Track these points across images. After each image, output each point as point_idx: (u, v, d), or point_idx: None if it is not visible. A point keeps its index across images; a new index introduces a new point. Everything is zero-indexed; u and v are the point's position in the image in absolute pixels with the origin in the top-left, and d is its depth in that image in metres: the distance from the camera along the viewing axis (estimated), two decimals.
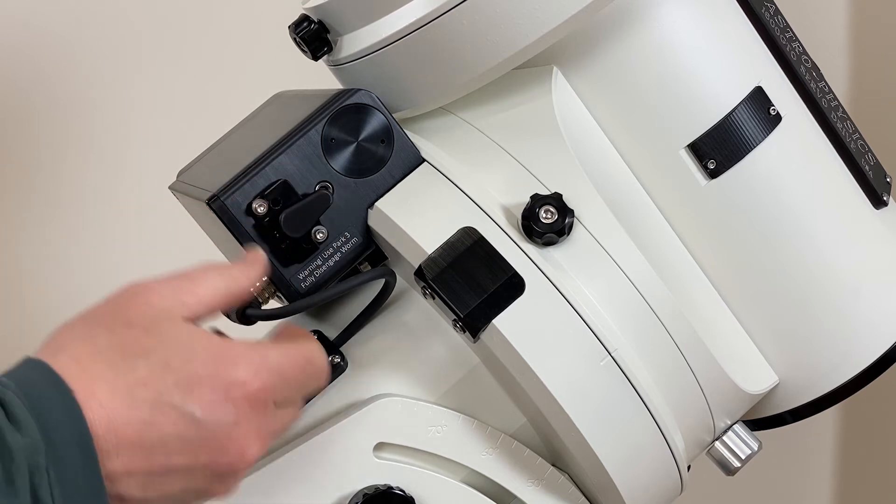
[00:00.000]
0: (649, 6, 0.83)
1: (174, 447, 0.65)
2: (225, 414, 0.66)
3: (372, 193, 0.82)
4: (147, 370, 0.65)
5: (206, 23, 1.44)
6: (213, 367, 0.67)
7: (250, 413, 0.67)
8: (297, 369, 0.71)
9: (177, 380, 0.66)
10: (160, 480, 0.66)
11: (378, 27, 0.82)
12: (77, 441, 0.63)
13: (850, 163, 0.89)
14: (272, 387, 0.69)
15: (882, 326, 0.88)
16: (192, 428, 0.66)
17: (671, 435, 0.81)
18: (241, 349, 0.68)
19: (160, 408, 0.65)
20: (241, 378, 0.67)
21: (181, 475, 0.66)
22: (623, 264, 0.81)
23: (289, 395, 0.71)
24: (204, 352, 0.67)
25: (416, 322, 0.85)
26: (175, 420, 0.65)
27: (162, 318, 0.68)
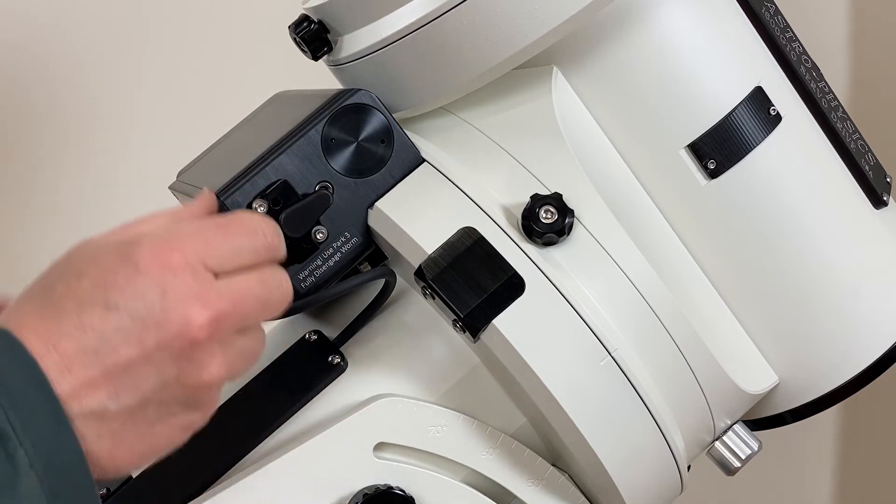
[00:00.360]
0: (649, 6, 0.83)
1: (116, 340, 0.65)
2: (146, 289, 0.65)
3: (372, 193, 0.82)
4: (63, 285, 0.66)
5: (205, 23, 1.44)
6: (119, 256, 0.66)
7: (174, 279, 0.66)
8: (218, 227, 0.69)
9: (91, 281, 0.65)
10: (126, 381, 0.65)
11: (378, 27, 0.82)
12: (22, 367, 0.63)
13: (850, 163, 0.89)
14: (188, 249, 0.66)
15: (882, 326, 0.88)
16: (123, 315, 0.65)
17: (671, 435, 0.81)
18: (144, 229, 0.68)
19: (86, 310, 0.65)
20: (146, 252, 0.66)
21: (142, 367, 0.65)
22: (623, 264, 0.81)
23: (223, 254, 0.68)
24: (108, 247, 0.67)
25: (416, 322, 0.85)
26: (102, 315, 0.65)
27: (76, 245, 0.68)
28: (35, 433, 0.62)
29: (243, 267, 0.69)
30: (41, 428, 0.62)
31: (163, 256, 0.66)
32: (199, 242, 0.67)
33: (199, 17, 1.44)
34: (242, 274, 0.69)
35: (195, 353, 0.66)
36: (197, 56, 1.44)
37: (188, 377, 0.66)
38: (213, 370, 0.67)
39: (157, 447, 0.68)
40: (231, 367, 0.68)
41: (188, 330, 0.65)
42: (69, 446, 0.63)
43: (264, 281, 0.70)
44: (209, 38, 1.44)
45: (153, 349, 0.65)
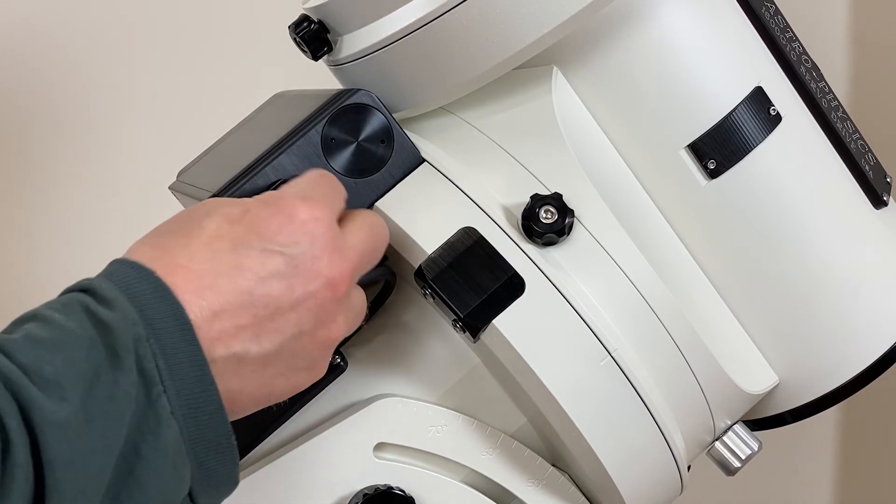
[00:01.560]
0: (649, 6, 0.83)
1: (272, 285, 0.67)
2: (301, 237, 0.68)
3: (372, 193, 0.82)
4: (214, 225, 0.68)
5: (205, 23, 1.44)
6: (270, 207, 0.69)
7: (321, 229, 0.69)
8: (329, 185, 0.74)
9: (245, 226, 0.68)
10: (270, 326, 0.67)
11: (378, 27, 0.82)
12: (171, 314, 0.63)
13: (850, 163, 0.89)
14: (322, 201, 0.71)
15: (882, 326, 0.88)
16: (279, 259, 0.67)
17: (671, 435, 0.81)
18: (289, 189, 0.72)
19: (242, 251, 0.67)
20: (298, 205, 0.69)
21: (288, 314, 0.67)
22: (623, 264, 0.81)
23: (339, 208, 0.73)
24: (254, 201, 0.70)
25: (416, 322, 0.85)
26: (261, 258, 0.67)
27: (211, 201, 0.71)
28: (179, 381, 0.63)
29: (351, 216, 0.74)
30: (185, 376, 0.63)
31: (311, 207, 0.69)
32: (332, 198, 0.72)
33: (198, 17, 1.44)
34: (355, 222, 0.74)
35: (333, 306, 0.69)
36: (197, 56, 1.44)
37: (321, 330, 0.69)
38: (340, 326, 0.71)
39: (270, 398, 0.70)
40: (349, 325, 0.72)
41: (333, 281, 0.69)
42: (210, 396, 0.64)
43: (372, 226, 0.75)
44: (209, 38, 1.44)
45: (301, 297, 0.68)
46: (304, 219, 0.69)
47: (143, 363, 0.62)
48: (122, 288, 0.63)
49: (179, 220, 0.69)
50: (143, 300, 0.63)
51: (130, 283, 0.64)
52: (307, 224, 0.69)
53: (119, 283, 0.64)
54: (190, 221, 0.69)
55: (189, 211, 0.70)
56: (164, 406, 0.62)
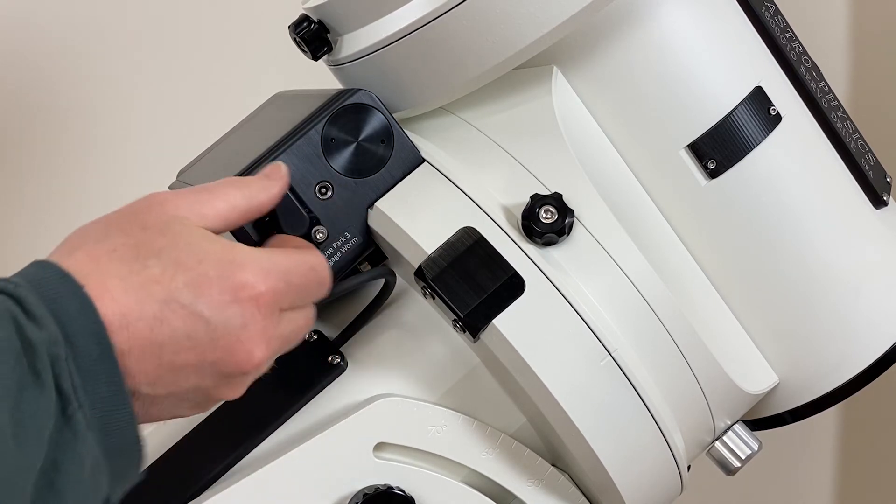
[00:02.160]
0: (649, 6, 0.83)
1: (184, 344, 0.67)
2: (233, 315, 0.68)
3: (372, 193, 0.82)
4: (159, 269, 0.67)
5: (205, 23, 1.44)
6: (222, 269, 0.68)
7: (258, 315, 0.69)
8: (302, 275, 0.72)
9: (187, 279, 0.67)
10: (170, 378, 0.67)
11: (378, 27, 0.82)
12: (92, 333, 0.64)
13: (850, 163, 0.89)
14: (279, 291, 0.70)
15: (882, 326, 0.88)
16: (202, 326, 0.67)
17: (671, 435, 0.81)
18: (250, 253, 0.70)
19: (171, 305, 0.66)
20: (249, 281, 0.68)
21: (190, 373, 0.68)
22: (623, 264, 0.81)
23: (295, 300, 0.72)
24: (214, 254, 0.68)
25: (416, 322, 0.85)
26: (185, 318, 0.67)
27: (176, 221, 0.69)
28: (94, 397, 0.64)
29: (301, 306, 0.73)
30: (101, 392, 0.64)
31: (257, 291, 0.68)
32: (285, 285, 0.70)
33: (198, 17, 1.44)
34: (298, 311, 0.73)
35: (238, 378, 0.70)
36: (196, 56, 1.44)
37: (218, 391, 0.70)
38: (238, 392, 0.71)
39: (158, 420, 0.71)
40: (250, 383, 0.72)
41: (246, 364, 0.69)
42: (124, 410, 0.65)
43: (309, 319, 0.74)
44: (208, 39, 1.44)
45: (209, 364, 0.68)
46: (245, 298, 0.68)
47: (60, 381, 0.63)
48: (50, 302, 0.64)
49: (132, 234, 0.68)
50: (68, 316, 0.64)
51: (59, 298, 0.64)
52: (246, 305, 0.68)
53: (47, 297, 0.64)
54: (140, 247, 0.68)
55: (145, 227, 0.69)
56: (80, 421, 0.63)
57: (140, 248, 0.67)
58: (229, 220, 0.72)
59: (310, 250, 0.75)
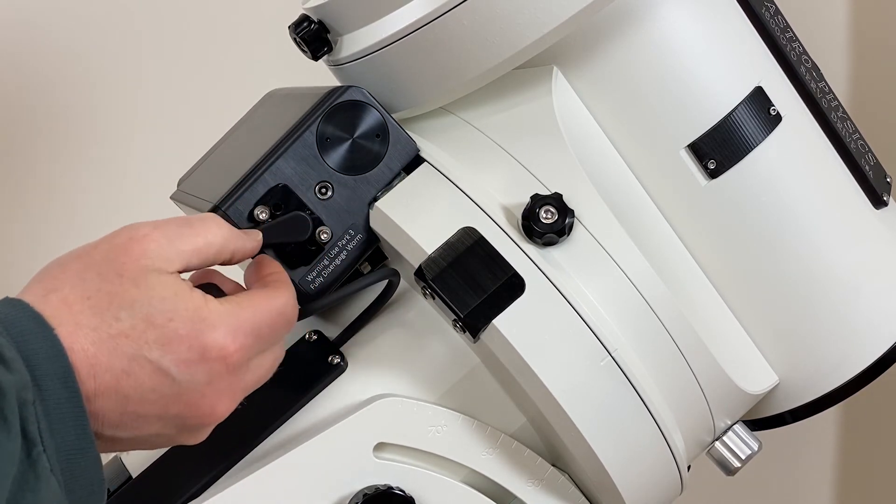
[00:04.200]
0: (649, 6, 0.83)
1: (148, 398, 0.68)
2: (199, 373, 0.69)
3: (372, 189, 0.82)
4: (130, 322, 0.68)
5: (205, 24, 1.44)
6: (192, 328, 0.69)
7: (224, 374, 0.70)
8: (271, 324, 0.73)
9: (157, 336, 0.68)
10: (132, 424, 0.69)
11: (378, 27, 0.82)
12: (61, 377, 0.65)
13: (850, 163, 0.89)
14: (247, 347, 0.71)
15: (882, 326, 0.88)
16: (167, 382, 0.68)
17: (671, 435, 0.81)
18: (220, 312, 0.71)
19: (139, 360, 0.68)
20: (219, 342, 0.70)
21: (152, 422, 0.69)
22: (623, 264, 0.81)
23: (262, 347, 0.73)
24: (185, 312, 0.69)
25: (416, 322, 0.85)
26: (151, 373, 0.68)
27: (152, 270, 0.70)
28: (59, 439, 0.65)
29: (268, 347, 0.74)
30: (66, 435, 0.65)
31: (226, 352, 0.70)
32: (254, 340, 0.72)
33: (197, 18, 1.44)
34: (265, 354, 0.74)
35: (201, 429, 0.72)
36: (197, 57, 1.44)
37: (180, 438, 0.72)
38: (200, 439, 0.73)
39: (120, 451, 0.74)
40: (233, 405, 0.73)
41: (210, 417, 0.71)
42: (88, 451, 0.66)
43: (276, 359, 0.75)
44: (209, 39, 1.44)
45: (172, 416, 0.70)
46: (213, 357, 0.69)
47: (26, 425, 0.63)
48: (20, 343, 0.65)
49: (107, 280, 0.69)
50: (37, 359, 0.65)
51: (29, 340, 0.65)
52: (213, 364, 0.69)
53: (18, 338, 0.65)
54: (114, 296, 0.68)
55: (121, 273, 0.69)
56: (44, 465, 0.64)
57: (113, 299, 0.68)
58: (206, 258, 0.73)
59: (278, 291, 0.75)
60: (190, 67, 1.44)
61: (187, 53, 1.43)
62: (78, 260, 0.70)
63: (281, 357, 0.76)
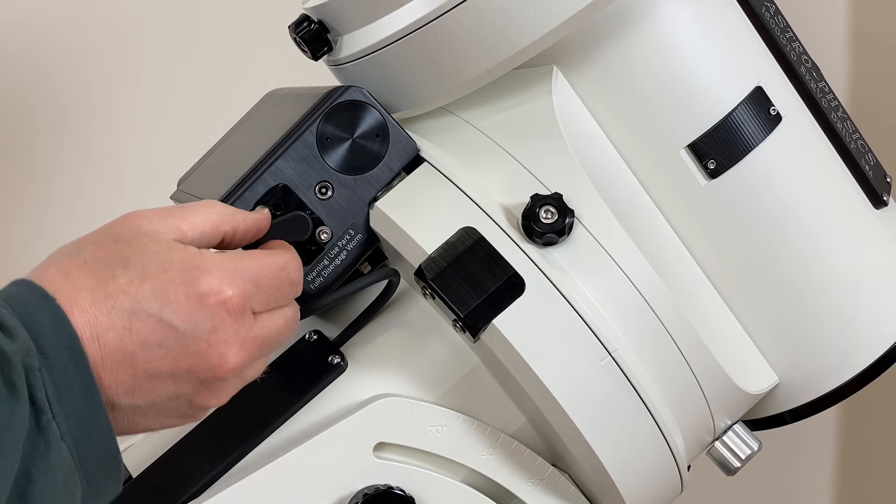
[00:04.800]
0: (649, 6, 0.83)
1: (155, 353, 0.68)
2: (201, 320, 0.68)
3: (372, 189, 0.82)
4: (126, 278, 0.68)
5: (205, 24, 1.44)
6: (188, 276, 0.69)
7: (228, 319, 0.69)
8: (271, 276, 0.72)
9: (153, 287, 0.68)
10: (146, 386, 0.68)
11: (378, 27, 0.82)
12: (66, 343, 0.65)
13: (850, 163, 0.89)
14: (246, 293, 0.70)
15: (882, 326, 0.88)
16: (171, 334, 0.68)
17: (671, 435, 0.81)
18: (215, 259, 0.70)
19: (139, 315, 0.67)
20: (215, 285, 0.69)
21: (166, 381, 0.68)
22: (623, 264, 0.81)
23: (266, 301, 0.72)
24: (180, 261, 0.69)
25: (416, 322, 0.85)
26: (153, 326, 0.67)
27: (146, 233, 0.70)
28: (69, 407, 0.64)
29: (277, 307, 0.73)
30: (75, 402, 0.64)
31: (224, 295, 0.69)
32: (254, 287, 0.71)
33: (199, 18, 1.44)
34: (274, 313, 0.73)
35: (217, 384, 0.70)
36: (197, 57, 1.44)
37: (200, 398, 0.70)
38: (222, 397, 0.71)
39: (148, 430, 0.72)
40: (236, 390, 0.73)
41: (221, 368, 0.70)
42: (99, 420, 0.66)
43: (287, 320, 0.74)
44: (209, 39, 1.44)
45: (183, 371, 0.69)
46: (212, 303, 0.69)
47: (34, 392, 0.63)
48: (23, 315, 0.65)
49: (102, 246, 0.69)
50: (40, 328, 0.65)
51: (31, 311, 0.65)
52: (214, 309, 0.69)
53: (20, 310, 0.65)
54: (109, 258, 0.68)
55: (116, 239, 0.69)
56: (54, 432, 0.63)
57: (108, 259, 0.68)
58: (204, 232, 0.72)
59: (279, 251, 0.75)
60: (190, 67, 1.44)
61: (187, 53, 1.43)
62: (75, 242, 0.70)
63: (296, 318, 0.74)
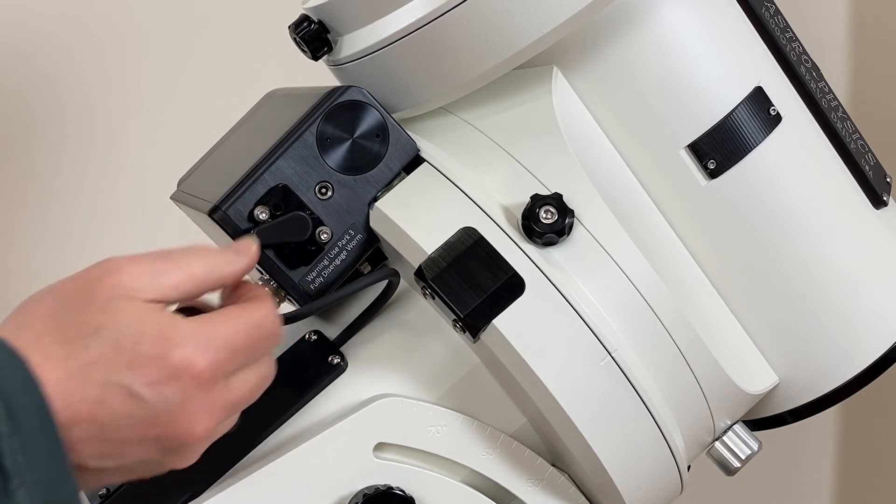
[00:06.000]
0: (649, 6, 0.83)
1: (125, 423, 0.68)
2: (172, 393, 0.68)
3: (372, 189, 0.82)
4: (99, 350, 0.67)
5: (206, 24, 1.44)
6: (159, 349, 0.68)
7: (198, 391, 0.69)
8: (246, 337, 0.71)
9: (126, 361, 0.68)
10: (115, 452, 0.68)
11: (378, 27, 0.82)
12: (35, 409, 0.65)
13: (850, 163, 0.89)
14: (220, 362, 0.70)
15: (882, 326, 0.88)
16: (141, 406, 0.68)
17: (671, 435, 0.81)
18: (188, 330, 0.70)
19: (110, 387, 0.67)
20: (187, 359, 0.69)
21: (134, 447, 0.69)
22: (623, 264, 0.81)
23: (240, 362, 0.71)
24: (152, 333, 0.68)
25: (416, 322, 0.85)
26: (124, 399, 0.67)
27: (122, 296, 0.69)
28: (37, 473, 0.64)
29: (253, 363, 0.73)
30: (44, 469, 0.65)
31: (196, 369, 0.69)
32: (227, 354, 0.70)
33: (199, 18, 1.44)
34: (249, 370, 0.72)
35: (184, 449, 0.71)
36: (197, 57, 1.44)
37: (167, 462, 0.71)
38: (190, 459, 0.72)
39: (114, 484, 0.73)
40: (215, 422, 0.72)
41: (188, 437, 0.70)
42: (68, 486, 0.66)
43: (262, 377, 0.73)
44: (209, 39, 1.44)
45: (152, 439, 0.69)
46: (183, 377, 0.68)
47: (3, 459, 0.63)
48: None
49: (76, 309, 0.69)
50: (12, 391, 0.64)
51: (2, 374, 0.65)
52: (184, 382, 0.68)
53: None
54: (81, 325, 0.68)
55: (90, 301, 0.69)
56: (23, 498, 0.63)
57: (81, 328, 0.68)
58: (187, 290, 0.71)
59: (255, 304, 0.73)
60: (190, 67, 1.44)
61: (187, 53, 1.43)
62: (51, 295, 0.70)
63: (270, 374, 0.74)
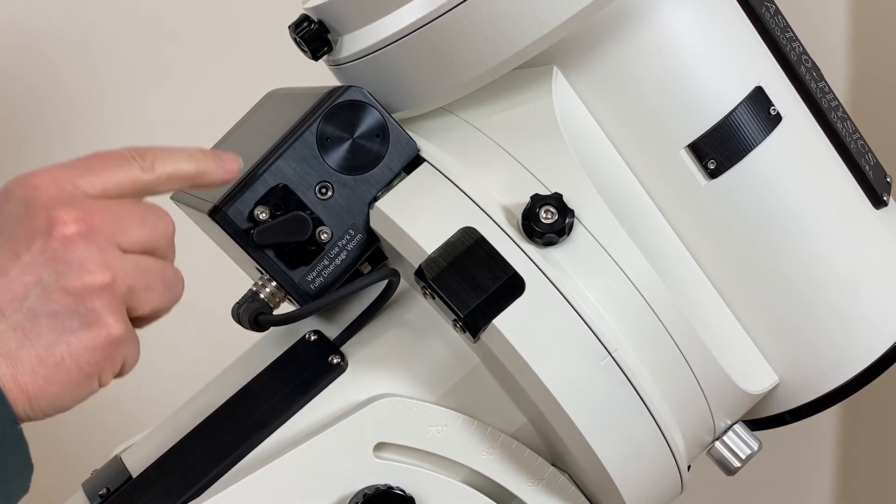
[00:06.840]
0: (650, 6, 0.83)
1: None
2: (11, 205, 0.66)
3: (372, 189, 0.82)
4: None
5: (205, 23, 1.44)
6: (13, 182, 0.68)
7: (32, 192, 0.67)
8: (97, 156, 0.70)
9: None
10: (6, 294, 0.64)
11: (378, 27, 0.82)
12: None
13: (850, 163, 0.89)
14: (63, 171, 0.68)
15: (882, 326, 0.88)
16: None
17: (671, 435, 0.81)
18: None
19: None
20: (33, 181, 0.67)
21: (20, 276, 0.65)
22: (623, 264, 0.81)
23: (94, 179, 0.69)
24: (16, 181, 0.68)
25: (416, 322, 0.85)
26: None
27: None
28: None
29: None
30: None
31: (34, 181, 0.67)
32: (73, 164, 0.69)
33: (197, 17, 1.44)
34: (126, 205, 0.70)
35: (68, 251, 0.65)
36: (196, 57, 1.44)
37: (67, 279, 0.65)
38: (92, 269, 0.66)
39: (62, 370, 0.66)
40: (124, 276, 0.67)
41: (53, 226, 0.65)
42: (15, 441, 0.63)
43: (149, 212, 0.71)
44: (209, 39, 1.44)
45: (26, 255, 0.65)
46: (16, 191, 0.66)
47: None
48: None
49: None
50: None
51: None
52: (21, 193, 0.66)
53: None
54: None
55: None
56: None
57: None
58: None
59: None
60: (190, 67, 1.44)
61: (187, 53, 1.43)
62: None
63: (158, 219, 0.70)
